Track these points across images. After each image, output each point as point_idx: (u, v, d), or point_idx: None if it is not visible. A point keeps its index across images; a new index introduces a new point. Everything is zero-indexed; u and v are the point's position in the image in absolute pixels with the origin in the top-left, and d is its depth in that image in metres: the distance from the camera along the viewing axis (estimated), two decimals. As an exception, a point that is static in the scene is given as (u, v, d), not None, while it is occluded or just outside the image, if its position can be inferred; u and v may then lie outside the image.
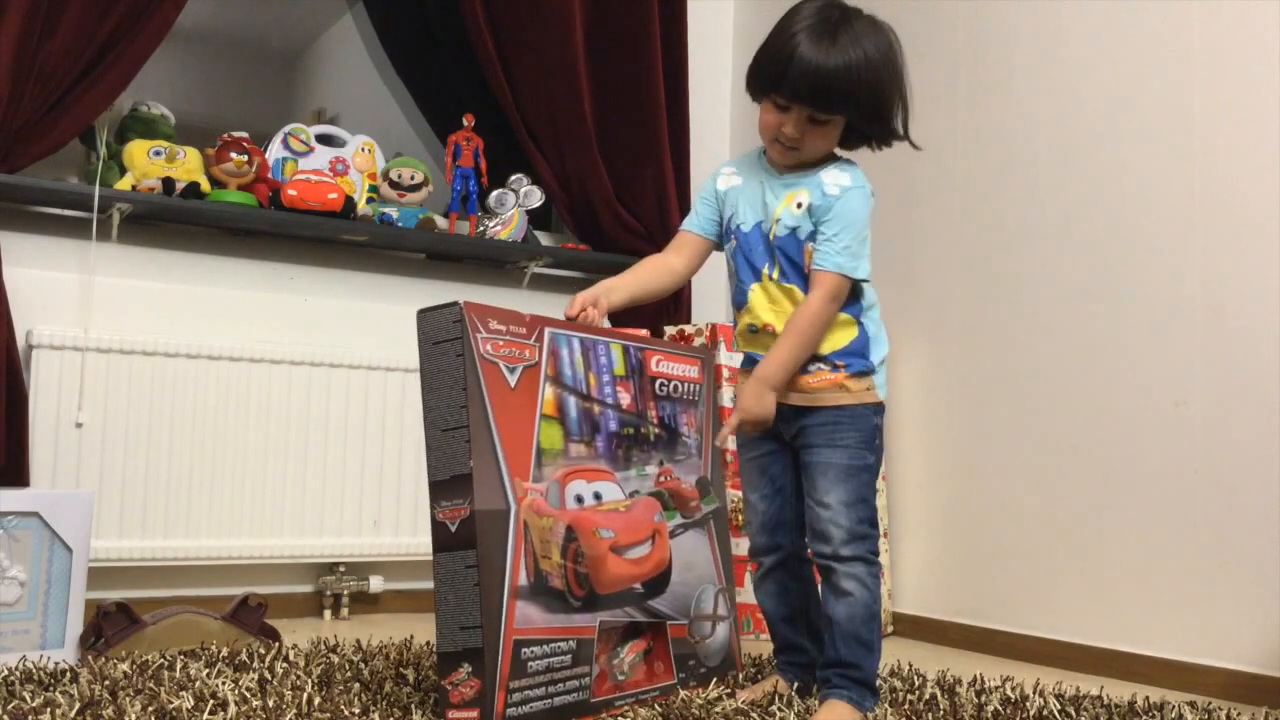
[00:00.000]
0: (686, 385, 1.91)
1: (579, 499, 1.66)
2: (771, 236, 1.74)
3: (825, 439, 1.71)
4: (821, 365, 1.72)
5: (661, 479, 1.82)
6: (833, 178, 1.71)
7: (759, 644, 2.29)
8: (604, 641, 1.64)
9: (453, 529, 1.50)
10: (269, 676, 1.71)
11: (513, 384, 1.58)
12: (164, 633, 2.00)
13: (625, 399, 1.78)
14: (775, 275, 1.74)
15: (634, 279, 1.85)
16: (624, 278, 1.85)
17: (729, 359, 2.60)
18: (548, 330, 1.66)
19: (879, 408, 1.75)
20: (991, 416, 2.55)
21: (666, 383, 1.87)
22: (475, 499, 1.49)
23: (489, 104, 2.98)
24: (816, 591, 1.79)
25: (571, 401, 1.67)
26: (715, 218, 1.84)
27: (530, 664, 1.52)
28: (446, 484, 1.51)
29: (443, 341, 1.53)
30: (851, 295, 1.72)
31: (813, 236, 1.70)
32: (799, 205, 1.71)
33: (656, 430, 1.83)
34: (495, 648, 1.47)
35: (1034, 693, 1.84)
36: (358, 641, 2.07)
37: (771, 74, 1.68)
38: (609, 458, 1.72)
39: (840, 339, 1.73)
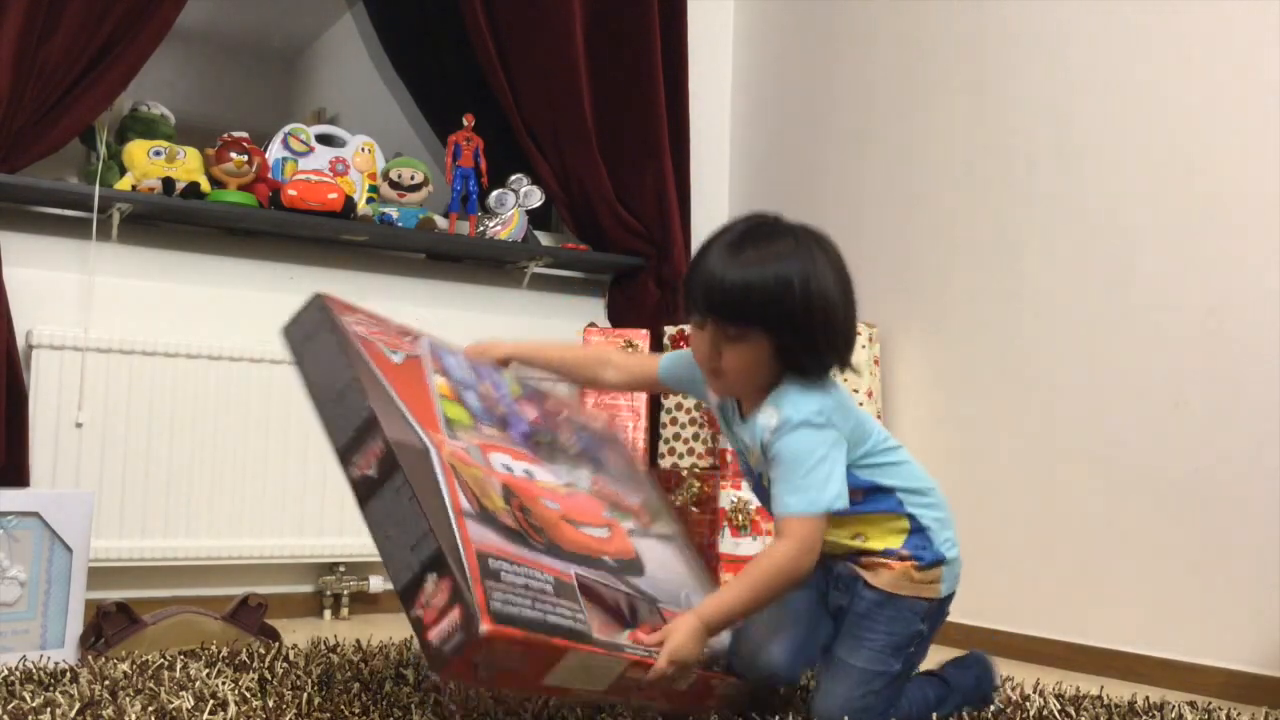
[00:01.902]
0: (598, 426, 1.78)
1: (507, 468, 1.46)
2: (764, 481, 1.55)
3: (852, 628, 1.54)
4: (884, 557, 1.55)
5: (597, 485, 1.63)
6: (766, 419, 1.49)
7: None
8: (594, 611, 1.35)
9: (372, 472, 1.31)
10: (269, 676, 1.71)
11: (397, 361, 1.44)
12: (164, 633, 2.00)
13: (531, 413, 1.61)
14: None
15: (542, 345, 1.79)
16: (531, 343, 1.79)
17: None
18: (425, 340, 1.53)
19: (932, 606, 1.57)
20: (991, 416, 2.55)
21: (574, 417, 1.74)
22: (386, 432, 1.31)
23: (489, 104, 2.98)
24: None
25: (470, 395, 1.51)
26: (687, 377, 1.67)
27: (504, 574, 1.26)
28: (352, 441, 1.34)
29: (311, 335, 1.43)
30: (880, 491, 1.54)
31: None
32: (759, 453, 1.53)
33: (576, 449, 1.65)
34: (454, 544, 1.23)
35: (1034, 693, 1.84)
36: (358, 641, 2.07)
37: (683, 287, 1.53)
38: (529, 448, 1.54)
39: (892, 539, 1.56)
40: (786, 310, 1.44)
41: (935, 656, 2.26)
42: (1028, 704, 1.76)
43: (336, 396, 1.37)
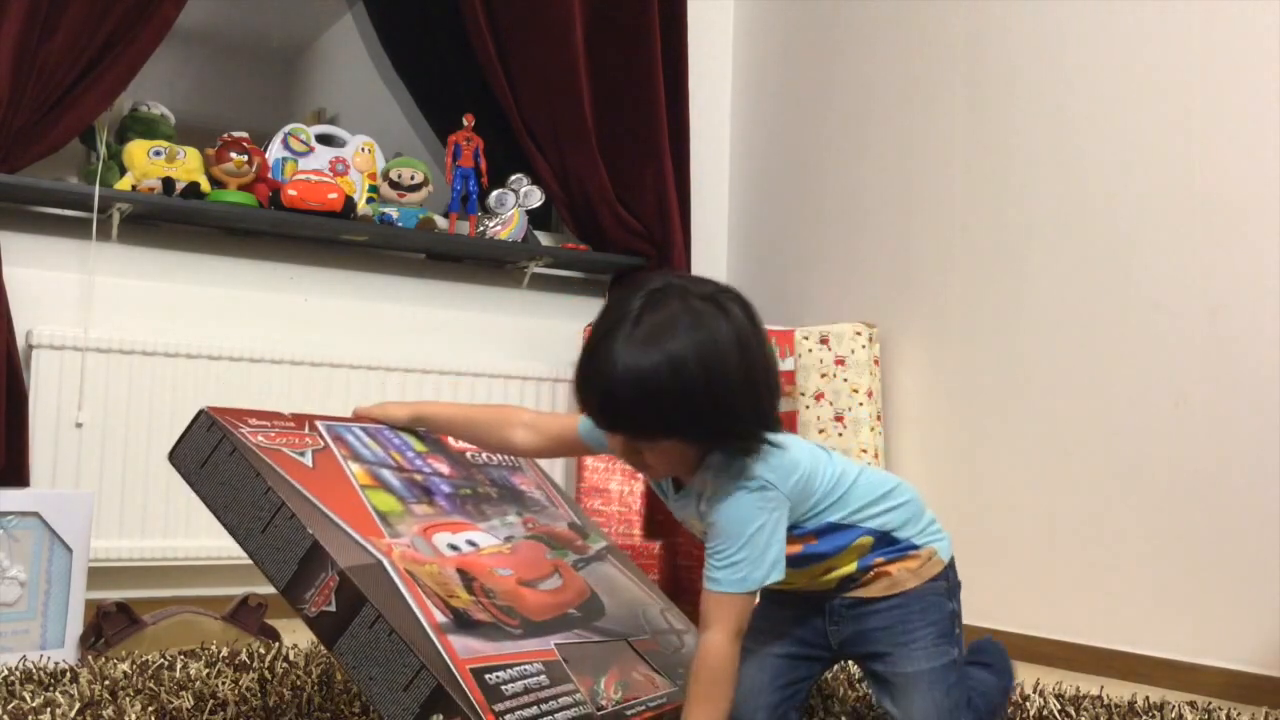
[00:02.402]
0: (500, 457, 1.72)
1: (453, 547, 1.43)
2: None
3: (892, 640, 1.43)
4: (864, 574, 1.45)
5: (529, 526, 1.61)
6: (700, 487, 1.37)
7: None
8: (575, 672, 1.37)
9: (332, 608, 1.23)
10: (269, 676, 1.71)
11: (310, 464, 1.36)
12: (164, 633, 2.00)
13: (444, 468, 1.57)
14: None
15: (441, 406, 1.72)
16: (429, 404, 1.72)
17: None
18: (320, 423, 1.46)
19: (948, 581, 1.47)
20: (991, 416, 2.55)
21: (478, 454, 1.68)
22: (336, 560, 1.24)
23: (489, 104, 2.98)
24: None
25: (387, 473, 1.45)
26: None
27: (504, 687, 1.25)
28: (298, 577, 1.26)
29: (207, 457, 1.33)
30: (835, 530, 1.43)
31: None
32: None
33: (493, 491, 1.62)
34: (452, 676, 1.20)
35: (1034, 692, 1.84)
36: (358, 641, 2.06)
37: (576, 388, 1.35)
38: (461, 513, 1.50)
39: (859, 557, 1.45)
40: (686, 414, 1.29)
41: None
42: (1028, 704, 1.76)
43: (262, 527, 1.29)
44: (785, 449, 1.37)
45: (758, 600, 1.38)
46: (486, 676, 1.23)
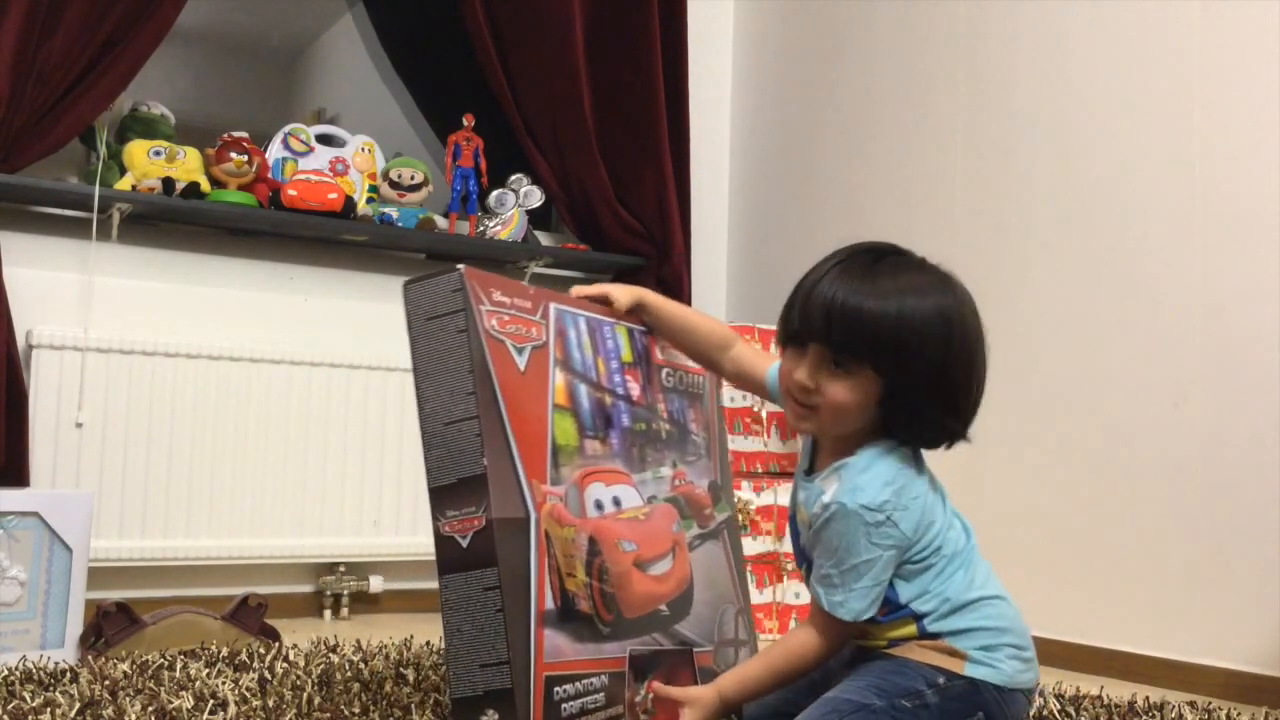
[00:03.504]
0: (691, 377, 1.70)
1: (599, 505, 1.44)
2: (802, 540, 1.42)
3: (849, 679, 1.33)
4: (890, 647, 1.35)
5: (676, 483, 1.62)
6: (831, 487, 1.31)
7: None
8: (634, 677, 1.41)
9: (464, 543, 1.25)
10: (269, 676, 1.71)
11: (522, 367, 1.34)
12: (164, 633, 2.00)
13: (635, 389, 1.56)
14: (808, 576, 1.42)
15: (672, 304, 1.61)
16: (662, 299, 1.62)
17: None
18: (553, 306, 1.44)
19: (949, 682, 1.30)
20: (990, 416, 2.54)
21: (673, 372, 1.66)
22: (492, 505, 1.24)
23: (489, 104, 2.98)
24: None
25: (583, 390, 1.45)
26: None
27: (564, 705, 1.28)
28: (452, 490, 1.26)
29: (439, 316, 1.31)
30: (897, 607, 1.32)
31: None
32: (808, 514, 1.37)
33: (667, 427, 1.62)
34: (526, 687, 1.22)
35: (1034, 693, 1.84)
36: (358, 641, 2.07)
37: (789, 311, 1.33)
38: (624, 457, 1.51)
39: (899, 634, 1.35)
40: (916, 349, 1.25)
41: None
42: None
43: (448, 420, 1.28)
44: (925, 481, 1.34)
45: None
46: (555, 689, 1.26)
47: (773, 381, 1.50)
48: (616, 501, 1.47)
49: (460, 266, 1.31)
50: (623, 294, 1.59)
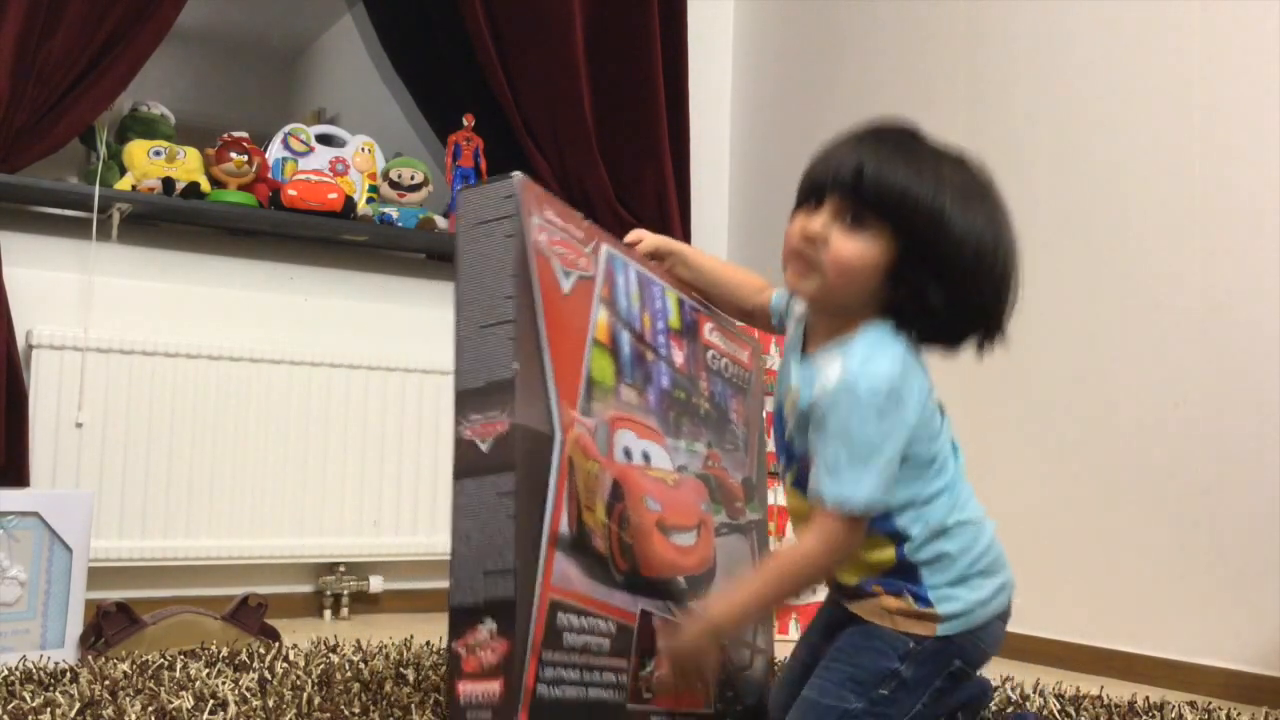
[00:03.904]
0: (737, 368, 1.63)
1: (627, 453, 1.35)
2: (786, 433, 1.33)
3: (825, 661, 1.29)
4: (866, 590, 1.30)
5: (710, 463, 1.54)
6: (833, 365, 1.22)
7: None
8: (640, 644, 1.33)
9: (484, 448, 1.18)
10: (269, 676, 1.71)
11: (566, 289, 1.28)
12: (164, 633, 2.00)
13: (678, 356, 1.48)
14: (790, 479, 1.34)
15: (718, 266, 1.52)
16: (707, 258, 1.53)
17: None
18: (604, 247, 1.38)
19: (919, 648, 1.26)
20: (990, 416, 2.55)
21: (719, 356, 1.58)
22: (517, 410, 1.18)
23: (489, 104, 2.98)
24: None
25: (625, 336, 1.37)
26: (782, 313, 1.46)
27: (566, 635, 1.21)
28: (479, 393, 1.20)
29: (489, 221, 1.25)
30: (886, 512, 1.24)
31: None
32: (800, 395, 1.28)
33: (706, 406, 1.54)
34: (529, 600, 1.16)
35: (1034, 693, 1.84)
36: (358, 641, 2.07)
37: (814, 167, 1.27)
38: (660, 416, 1.42)
39: (866, 571, 1.29)
40: (942, 222, 1.17)
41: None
42: (1028, 704, 1.76)
43: (484, 326, 1.21)
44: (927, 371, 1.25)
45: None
46: (560, 616, 1.20)
47: (775, 304, 1.45)
48: (646, 456, 1.39)
49: (516, 174, 1.25)
50: (651, 238, 1.51)
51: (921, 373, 1.26)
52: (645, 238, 1.51)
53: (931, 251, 1.19)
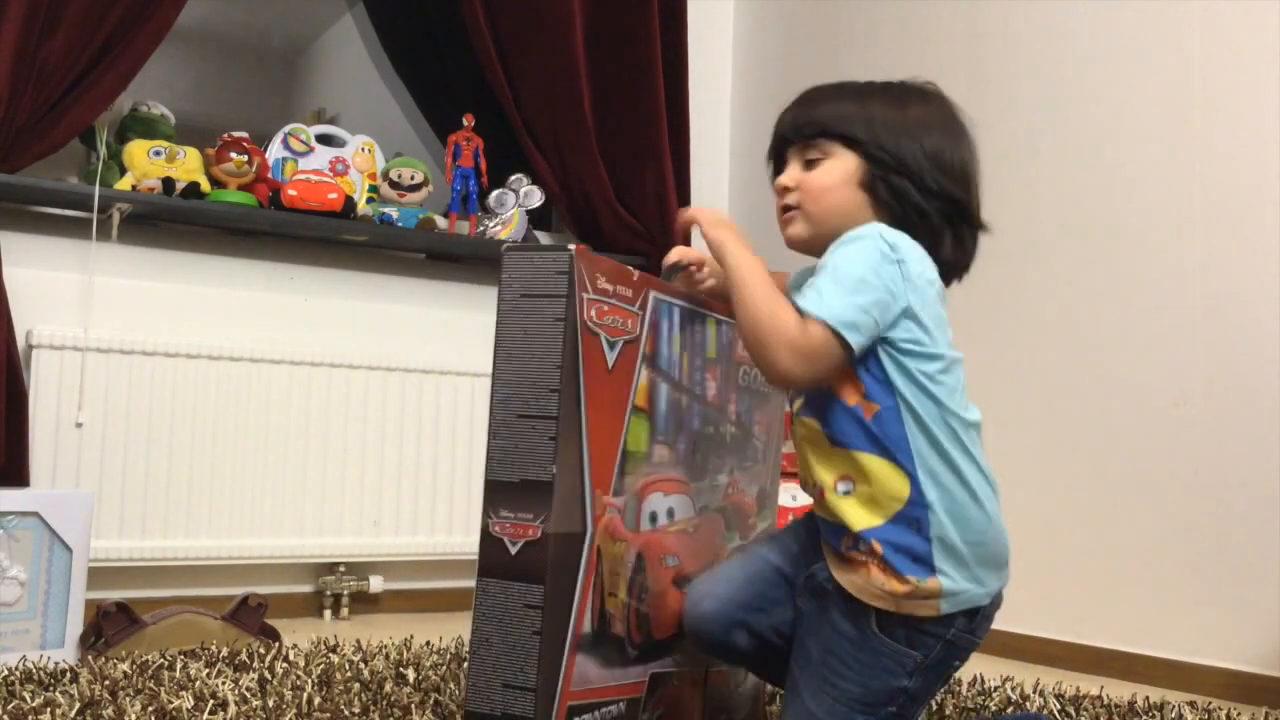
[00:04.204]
0: (755, 376, 1.62)
1: (653, 517, 1.37)
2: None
3: (820, 661, 1.23)
4: (857, 547, 1.22)
5: (729, 491, 1.55)
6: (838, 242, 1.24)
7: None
8: (646, 699, 1.36)
9: (513, 550, 1.17)
10: (269, 676, 1.71)
11: (611, 364, 1.26)
12: (164, 633, 2.00)
13: (711, 389, 1.48)
14: (797, 406, 1.31)
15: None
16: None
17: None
18: (652, 295, 1.35)
19: (925, 656, 1.21)
20: (990, 416, 2.54)
21: (749, 371, 1.58)
22: (553, 518, 1.16)
23: (489, 104, 2.98)
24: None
25: (663, 391, 1.37)
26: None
27: None
28: (512, 489, 1.18)
29: (538, 296, 1.20)
30: (899, 411, 1.21)
31: None
32: None
33: (733, 429, 1.55)
34: (548, 715, 1.17)
35: (1034, 693, 1.84)
36: (358, 641, 2.07)
37: (770, 145, 1.36)
38: (687, 465, 1.43)
39: (876, 512, 1.21)
40: (879, 118, 1.24)
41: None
42: (1028, 704, 1.76)
43: (524, 417, 1.19)
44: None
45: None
46: (575, 719, 1.21)
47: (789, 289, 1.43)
48: (670, 513, 1.40)
49: (571, 247, 1.21)
50: (686, 253, 1.49)
51: (928, 261, 1.23)
52: (683, 254, 1.50)
53: (884, 151, 1.24)
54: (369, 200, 2.81)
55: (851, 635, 1.21)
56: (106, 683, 1.64)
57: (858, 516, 1.21)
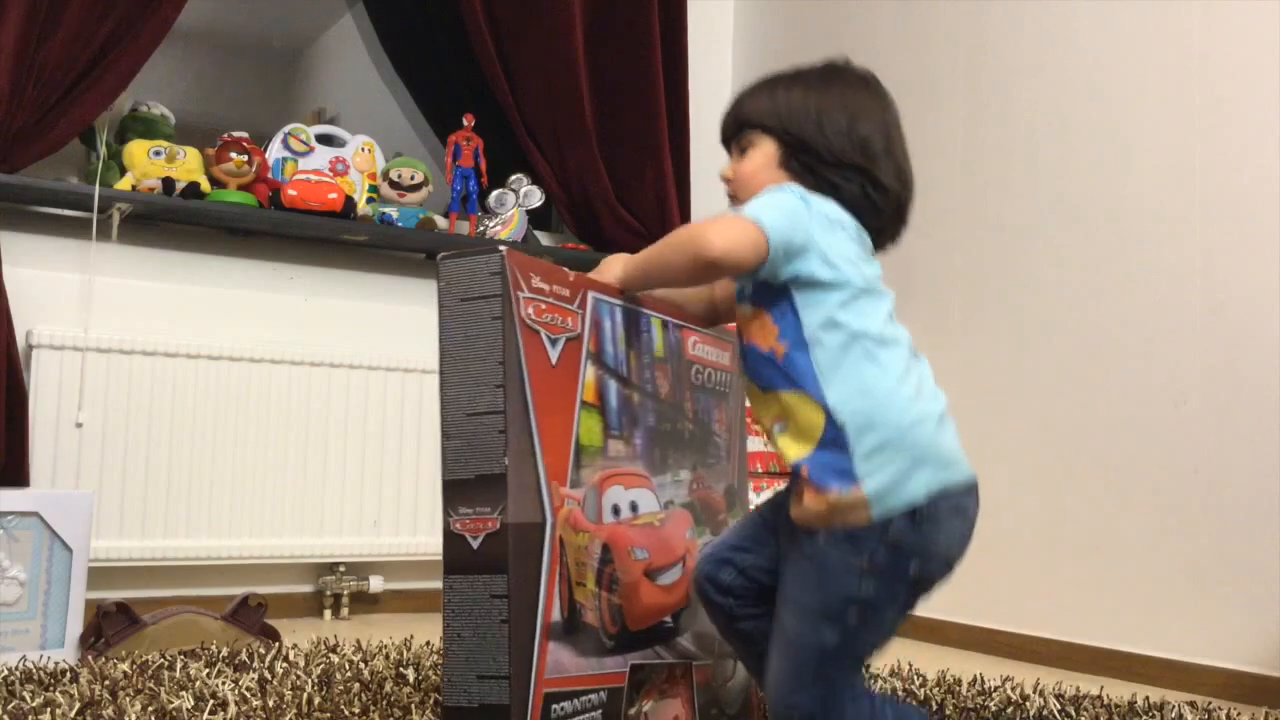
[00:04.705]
0: (719, 374, 1.65)
1: (615, 510, 1.39)
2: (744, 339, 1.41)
3: (787, 578, 1.30)
4: (796, 476, 1.28)
5: (695, 486, 1.57)
6: None
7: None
8: (630, 691, 1.37)
9: (475, 545, 1.19)
10: (269, 676, 1.71)
11: (554, 359, 1.29)
12: (164, 633, 2.00)
13: (664, 386, 1.51)
14: (746, 374, 1.37)
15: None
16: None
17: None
18: (591, 295, 1.38)
19: (875, 560, 1.24)
20: (991, 416, 2.55)
21: (703, 369, 1.60)
22: (509, 508, 1.19)
23: (489, 104, 2.98)
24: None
25: (612, 387, 1.40)
26: None
27: None
28: (469, 485, 1.21)
29: (474, 299, 1.24)
30: (804, 345, 1.29)
31: (753, 295, 1.32)
32: None
33: (691, 427, 1.57)
34: (524, 704, 1.17)
35: (1034, 693, 1.84)
36: (358, 641, 2.07)
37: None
38: (646, 459, 1.46)
39: (804, 442, 1.28)
40: (789, 95, 1.38)
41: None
42: (1028, 704, 1.76)
43: (472, 415, 1.22)
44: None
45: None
46: (553, 707, 1.22)
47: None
48: (634, 506, 1.42)
49: (502, 248, 1.25)
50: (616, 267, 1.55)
51: (837, 208, 1.35)
52: (614, 266, 1.55)
53: (789, 134, 1.37)
54: (369, 200, 2.81)
55: (807, 553, 1.28)
56: (106, 683, 1.64)
57: (792, 449, 1.29)
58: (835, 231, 1.33)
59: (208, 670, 1.75)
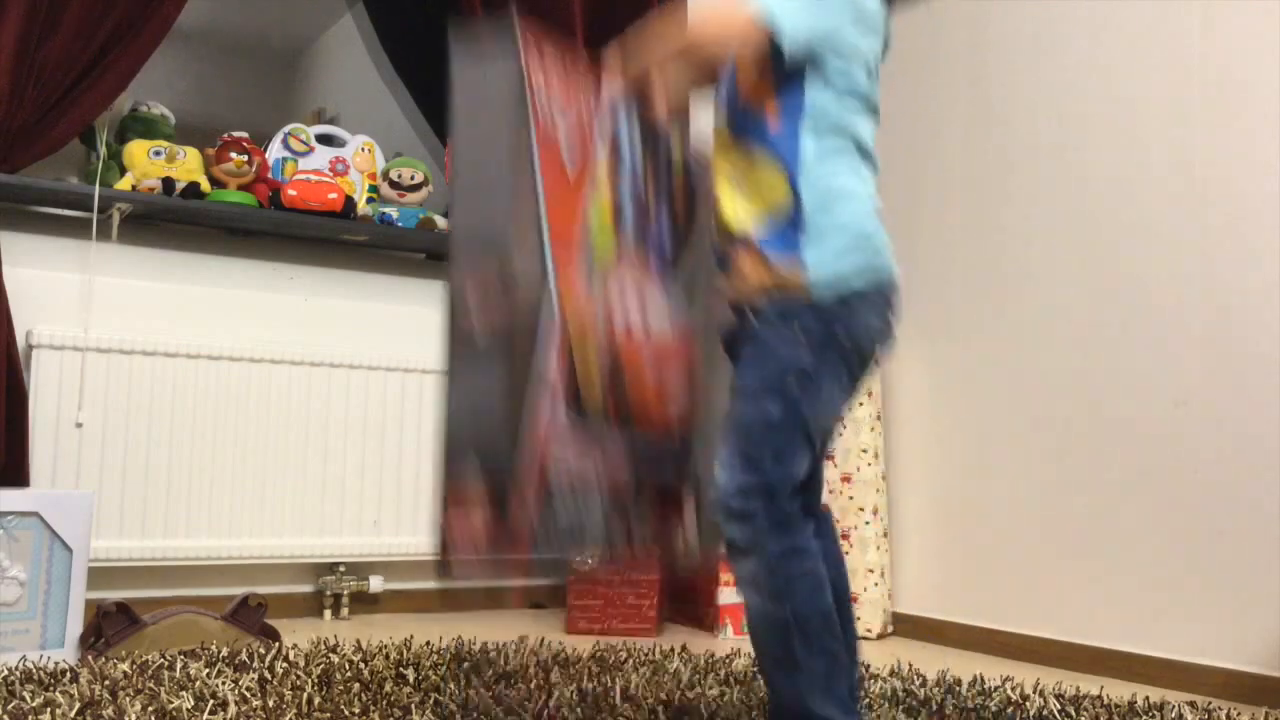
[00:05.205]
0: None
1: (625, 316, 1.37)
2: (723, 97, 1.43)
3: (733, 380, 1.34)
4: (738, 245, 1.34)
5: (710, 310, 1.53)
6: None
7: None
8: (633, 499, 1.36)
9: (476, 319, 1.18)
10: (269, 676, 1.71)
11: (569, 168, 1.28)
12: (164, 633, 2.00)
13: (679, 201, 1.49)
14: (722, 122, 1.39)
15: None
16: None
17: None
18: (605, 116, 1.37)
19: (816, 331, 1.30)
20: (991, 416, 2.55)
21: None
22: (514, 258, 1.17)
23: (489, 104, 2.97)
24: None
25: (629, 210, 1.38)
26: None
27: (557, 481, 1.23)
28: (471, 247, 1.19)
29: (487, 63, 1.24)
30: (797, 119, 1.36)
31: (771, 64, 1.34)
32: None
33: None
34: (523, 465, 1.16)
35: (1034, 693, 1.84)
36: (358, 641, 2.07)
37: None
38: (659, 276, 1.43)
39: (764, 201, 1.33)
40: None
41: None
42: (1028, 704, 1.76)
43: (482, 163, 1.20)
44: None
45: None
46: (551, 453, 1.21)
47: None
48: (644, 319, 1.38)
49: (512, 17, 1.27)
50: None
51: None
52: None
53: None
54: (369, 200, 2.81)
55: (751, 332, 1.32)
56: (106, 683, 1.64)
57: (740, 209, 1.33)
58: (869, 37, 1.44)
59: (208, 670, 1.75)
